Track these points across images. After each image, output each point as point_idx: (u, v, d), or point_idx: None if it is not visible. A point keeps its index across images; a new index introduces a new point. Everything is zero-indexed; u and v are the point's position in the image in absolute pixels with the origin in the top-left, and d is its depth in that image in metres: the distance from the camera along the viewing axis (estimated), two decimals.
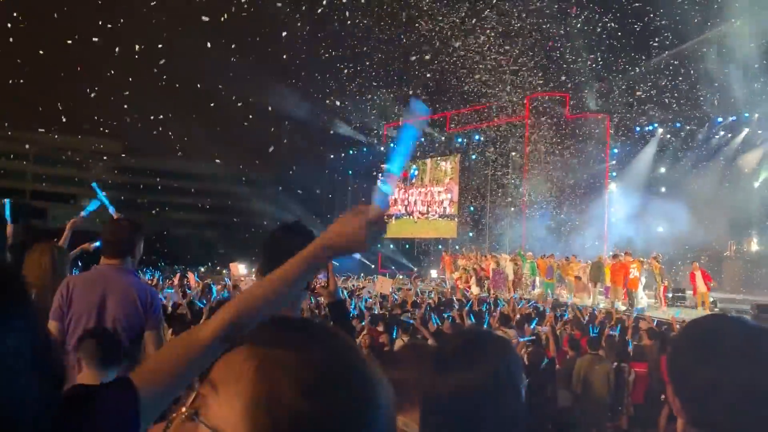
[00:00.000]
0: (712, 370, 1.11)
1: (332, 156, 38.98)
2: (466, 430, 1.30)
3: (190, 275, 17.30)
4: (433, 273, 28.08)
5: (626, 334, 9.60)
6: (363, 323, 9.16)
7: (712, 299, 16.55)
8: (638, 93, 24.40)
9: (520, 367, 1.41)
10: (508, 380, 1.35)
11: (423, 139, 34.25)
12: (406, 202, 35.41)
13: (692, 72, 22.94)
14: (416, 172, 34.88)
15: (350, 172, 38.64)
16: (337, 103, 34.85)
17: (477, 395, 1.29)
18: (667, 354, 1.29)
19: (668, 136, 25.10)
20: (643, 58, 24.56)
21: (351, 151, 38.45)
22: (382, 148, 36.80)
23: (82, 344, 2.77)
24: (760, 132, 22.86)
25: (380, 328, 8.82)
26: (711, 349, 1.15)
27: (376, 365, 0.72)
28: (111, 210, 4.97)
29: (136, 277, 3.22)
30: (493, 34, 27.23)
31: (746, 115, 22.79)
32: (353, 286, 20.42)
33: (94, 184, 5.51)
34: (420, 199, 34.60)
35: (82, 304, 3.08)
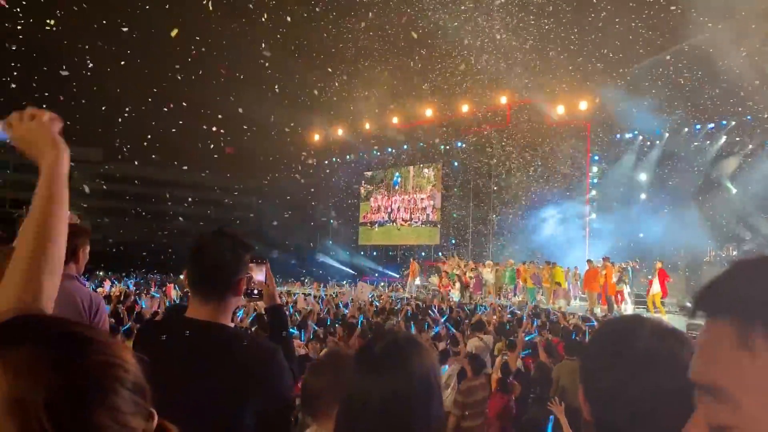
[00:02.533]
0: (617, 374, 1.09)
1: (315, 163, 38.83)
2: None
3: (169, 287, 17.09)
4: (417, 280, 27.97)
5: None
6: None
7: (689, 304, 16.62)
8: (619, 100, 24.53)
9: (440, 374, 1.36)
10: (435, 384, 1.32)
11: (406, 147, 34.29)
12: (389, 209, 35.37)
13: (672, 79, 23.15)
14: (399, 180, 34.87)
15: (333, 180, 38.55)
16: (319, 109, 34.79)
17: (409, 398, 1.25)
18: (581, 357, 1.25)
19: (648, 143, 25.29)
20: (624, 65, 24.76)
21: (334, 159, 38.35)
22: (365, 156, 36.76)
23: None
24: (738, 139, 23.13)
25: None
26: (618, 352, 1.11)
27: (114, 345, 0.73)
28: None
29: (79, 283, 3.10)
30: (475, 38, 27.36)
31: (723, 123, 23.07)
32: (334, 293, 20.33)
33: None
34: (403, 206, 34.58)
35: None
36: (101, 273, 29.33)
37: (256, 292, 2.19)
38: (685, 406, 1.07)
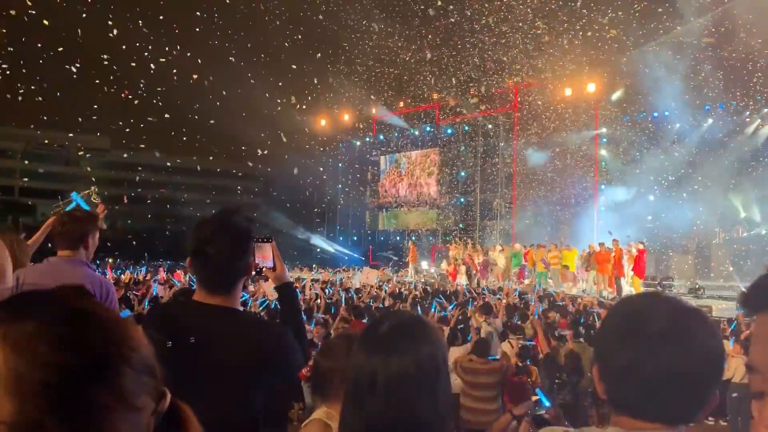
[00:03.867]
0: (632, 351, 1.08)
1: (321, 149, 38.73)
2: (403, 414, 1.23)
3: (178, 274, 17.32)
4: (424, 264, 28.00)
5: None
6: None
7: (698, 286, 16.70)
8: (629, 81, 24.24)
9: (447, 355, 1.36)
10: (442, 365, 1.31)
11: (413, 131, 34.13)
12: (396, 194, 35.32)
13: (683, 59, 22.83)
14: (406, 164, 34.77)
15: (340, 165, 38.46)
16: (325, 94, 34.65)
17: (416, 378, 1.24)
18: (595, 335, 1.25)
19: (659, 124, 25.04)
20: (636, 44, 24.46)
21: (341, 145, 38.21)
22: (371, 140, 36.63)
23: None
24: (748, 120, 22.86)
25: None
26: (634, 329, 1.11)
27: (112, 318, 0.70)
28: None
29: (89, 269, 3.12)
30: (482, 20, 27.12)
31: (734, 102, 22.79)
32: (341, 278, 20.41)
33: (74, 194, 5.64)
34: (410, 190, 34.51)
35: None
36: (110, 260, 29.46)
37: (261, 268, 2.16)
38: (701, 384, 1.07)
